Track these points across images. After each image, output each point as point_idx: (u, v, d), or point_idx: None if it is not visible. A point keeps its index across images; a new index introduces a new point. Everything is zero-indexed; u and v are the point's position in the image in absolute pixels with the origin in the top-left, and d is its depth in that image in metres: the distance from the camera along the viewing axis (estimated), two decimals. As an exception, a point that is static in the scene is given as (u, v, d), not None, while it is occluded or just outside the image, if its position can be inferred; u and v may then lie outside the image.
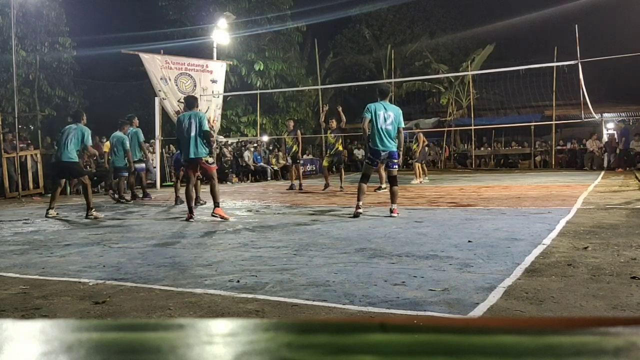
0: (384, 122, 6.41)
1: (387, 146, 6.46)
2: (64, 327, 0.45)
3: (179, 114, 14.42)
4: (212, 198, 6.74)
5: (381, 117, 6.41)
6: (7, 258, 4.46)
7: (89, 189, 7.48)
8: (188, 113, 6.80)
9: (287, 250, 4.43)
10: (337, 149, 11.22)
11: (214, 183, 6.77)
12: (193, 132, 6.56)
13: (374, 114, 6.43)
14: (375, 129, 6.43)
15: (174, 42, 17.48)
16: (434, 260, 3.87)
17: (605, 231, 4.90)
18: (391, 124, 6.45)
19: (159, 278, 3.56)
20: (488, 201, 8.07)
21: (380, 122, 6.41)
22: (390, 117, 6.43)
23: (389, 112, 6.46)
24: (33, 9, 13.70)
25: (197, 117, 6.67)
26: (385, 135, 6.44)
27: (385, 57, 24.52)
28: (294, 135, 11.81)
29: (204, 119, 6.70)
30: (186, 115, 6.76)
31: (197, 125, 6.59)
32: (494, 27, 22.55)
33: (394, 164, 6.62)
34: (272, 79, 19.96)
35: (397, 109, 6.57)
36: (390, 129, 6.45)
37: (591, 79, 12.46)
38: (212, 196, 6.73)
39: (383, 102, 6.55)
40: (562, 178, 13.14)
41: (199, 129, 6.58)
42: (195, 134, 6.57)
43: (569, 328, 0.44)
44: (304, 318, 2.68)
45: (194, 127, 6.56)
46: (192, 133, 6.56)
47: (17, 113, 11.46)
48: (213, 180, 6.80)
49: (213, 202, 6.75)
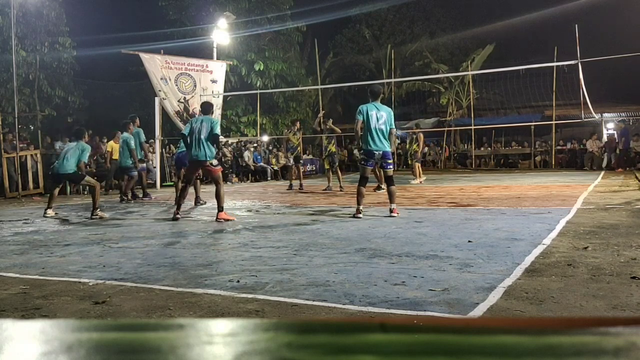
0: (377, 122, 6.45)
1: (380, 146, 6.50)
2: (64, 327, 0.45)
3: (179, 114, 14.50)
4: (217, 202, 6.64)
5: (374, 118, 6.45)
6: (7, 258, 4.46)
7: (96, 190, 7.51)
8: (202, 117, 6.91)
9: (287, 250, 4.43)
10: (330, 151, 11.31)
11: (219, 187, 6.69)
12: (204, 134, 6.63)
13: (366, 114, 6.47)
14: (369, 129, 6.46)
15: (174, 42, 17.48)
16: (434, 260, 3.88)
17: (605, 231, 4.90)
18: (384, 123, 6.48)
19: (159, 278, 3.56)
20: (488, 201, 8.07)
21: (374, 122, 6.45)
22: (382, 117, 6.47)
23: (381, 112, 6.50)
24: (33, 9, 13.70)
25: (210, 121, 6.78)
26: (379, 135, 6.48)
27: (385, 57, 24.53)
28: (300, 135, 11.96)
29: (216, 125, 6.79)
30: (199, 119, 6.86)
31: (209, 129, 6.65)
32: (494, 27, 22.56)
33: (388, 165, 6.65)
34: (272, 79, 19.96)
35: (389, 110, 6.62)
36: (383, 129, 6.48)
37: (591, 79, 12.46)
38: (217, 200, 6.63)
39: (375, 102, 6.58)
40: (562, 178, 13.14)
41: (209, 133, 6.64)
42: (206, 137, 6.63)
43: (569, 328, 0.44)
44: (304, 318, 2.68)
45: (205, 130, 6.64)
46: (202, 135, 6.63)
47: (17, 113, 11.46)
48: (218, 184, 6.72)
49: (217, 206, 6.65)
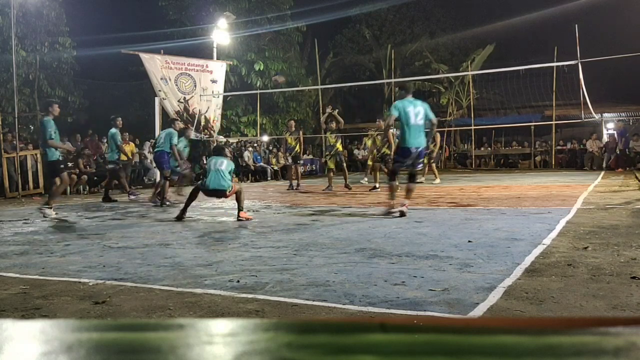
0: (415, 118, 6.23)
1: (418, 143, 6.31)
2: (64, 327, 0.45)
3: (179, 114, 14.50)
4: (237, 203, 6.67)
5: (412, 114, 6.22)
6: (7, 258, 4.46)
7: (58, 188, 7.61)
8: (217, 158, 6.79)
9: (287, 250, 4.43)
10: (337, 149, 11.35)
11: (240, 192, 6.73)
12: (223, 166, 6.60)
13: (403, 111, 6.23)
14: (407, 126, 6.25)
15: (174, 42, 17.48)
16: (434, 260, 3.88)
17: (605, 231, 4.90)
18: (422, 119, 6.29)
19: (159, 278, 3.56)
20: (488, 201, 8.07)
21: (412, 118, 6.22)
22: (420, 113, 6.28)
23: (417, 107, 6.31)
24: (33, 9, 13.70)
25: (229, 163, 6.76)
26: (417, 131, 6.28)
27: (385, 57, 24.53)
28: (297, 135, 11.96)
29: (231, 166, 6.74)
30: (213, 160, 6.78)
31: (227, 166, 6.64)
32: (494, 27, 22.56)
33: (419, 164, 6.56)
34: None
35: (425, 103, 6.46)
36: (421, 124, 6.29)
37: (591, 79, 12.46)
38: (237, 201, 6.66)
39: (408, 98, 6.39)
40: (562, 178, 13.14)
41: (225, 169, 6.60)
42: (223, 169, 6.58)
43: (569, 328, 0.44)
44: (304, 318, 2.68)
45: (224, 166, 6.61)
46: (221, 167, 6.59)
47: (17, 113, 11.46)
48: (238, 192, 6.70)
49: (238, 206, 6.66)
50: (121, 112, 11.49)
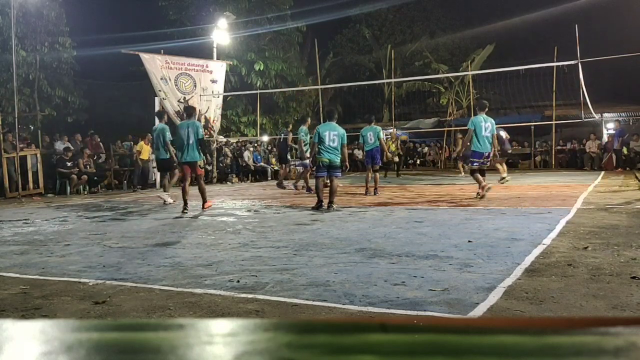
0: (484, 131, 8.22)
1: (486, 148, 8.29)
2: (64, 327, 0.45)
3: (179, 114, 14.49)
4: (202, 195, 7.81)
5: (483, 128, 8.21)
6: (7, 258, 4.46)
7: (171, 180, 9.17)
8: (187, 122, 7.75)
9: (287, 250, 4.43)
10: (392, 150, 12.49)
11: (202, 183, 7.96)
12: (192, 139, 7.53)
13: (478, 125, 8.21)
14: (479, 136, 8.21)
15: (174, 42, 17.46)
16: (434, 260, 3.87)
17: (605, 231, 4.90)
18: (490, 132, 8.27)
19: (159, 278, 3.56)
20: (488, 201, 8.07)
21: (483, 131, 8.21)
22: (489, 128, 8.25)
23: (487, 123, 8.27)
24: (33, 9, 13.69)
25: (195, 126, 7.64)
26: (486, 140, 8.26)
27: (385, 57, 24.53)
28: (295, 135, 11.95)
29: (200, 128, 7.68)
30: (184, 124, 7.74)
31: (195, 133, 7.56)
32: (494, 27, 22.56)
33: (486, 162, 8.44)
34: (272, 79, 19.95)
35: (492, 120, 8.41)
36: (489, 136, 8.26)
37: (591, 79, 12.45)
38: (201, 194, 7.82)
39: (482, 115, 8.32)
40: (562, 178, 13.13)
41: (196, 137, 7.57)
42: (194, 141, 7.55)
43: (569, 328, 0.44)
44: (304, 318, 2.68)
45: (192, 135, 7.54)
46: (190, 140, 7.53)
47: (17, 113, 11.45)
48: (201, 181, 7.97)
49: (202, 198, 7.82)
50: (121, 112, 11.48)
